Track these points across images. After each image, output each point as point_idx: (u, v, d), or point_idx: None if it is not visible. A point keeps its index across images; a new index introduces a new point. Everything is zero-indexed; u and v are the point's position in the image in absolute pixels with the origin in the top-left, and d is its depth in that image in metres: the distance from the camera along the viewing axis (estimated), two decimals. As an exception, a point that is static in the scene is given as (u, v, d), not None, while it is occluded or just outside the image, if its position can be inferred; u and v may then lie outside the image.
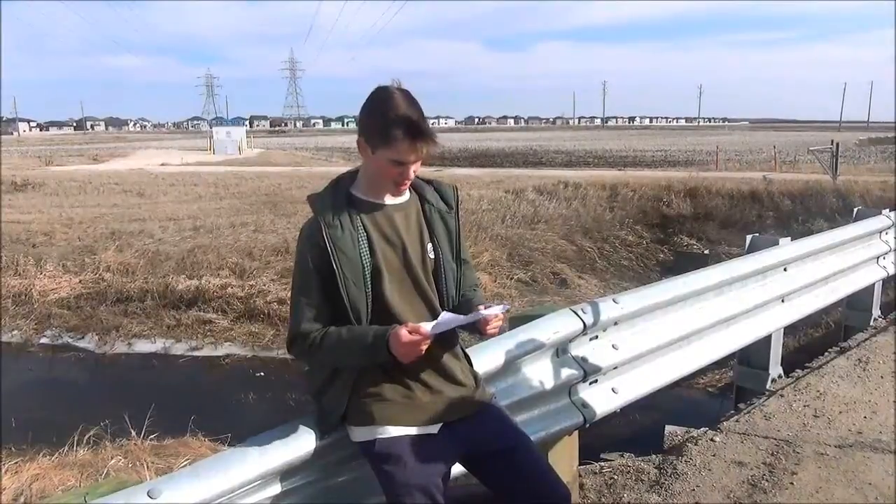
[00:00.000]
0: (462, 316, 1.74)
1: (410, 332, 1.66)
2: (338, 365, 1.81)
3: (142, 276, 11.41)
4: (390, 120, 1.67)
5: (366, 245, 1.77)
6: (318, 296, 1.77)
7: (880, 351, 4.26)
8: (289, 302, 1.89)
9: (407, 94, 1.71)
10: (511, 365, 2.38)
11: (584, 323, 2.57)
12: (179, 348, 9.81)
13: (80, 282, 11.54)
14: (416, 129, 1.67)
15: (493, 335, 1.85)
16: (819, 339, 5.64)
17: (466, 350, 2.04)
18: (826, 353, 4.47)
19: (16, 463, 4.90)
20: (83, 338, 10.19)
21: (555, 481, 1.85)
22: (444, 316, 1.74)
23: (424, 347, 1.68)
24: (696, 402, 5.84)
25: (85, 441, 5.34)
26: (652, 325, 2.96)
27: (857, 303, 5.07)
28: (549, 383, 2.51)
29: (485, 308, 1.75)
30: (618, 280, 13.21)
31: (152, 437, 5.41)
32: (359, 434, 1.80)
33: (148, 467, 4.58)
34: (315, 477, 1.88)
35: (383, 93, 1.72)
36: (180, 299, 10.74)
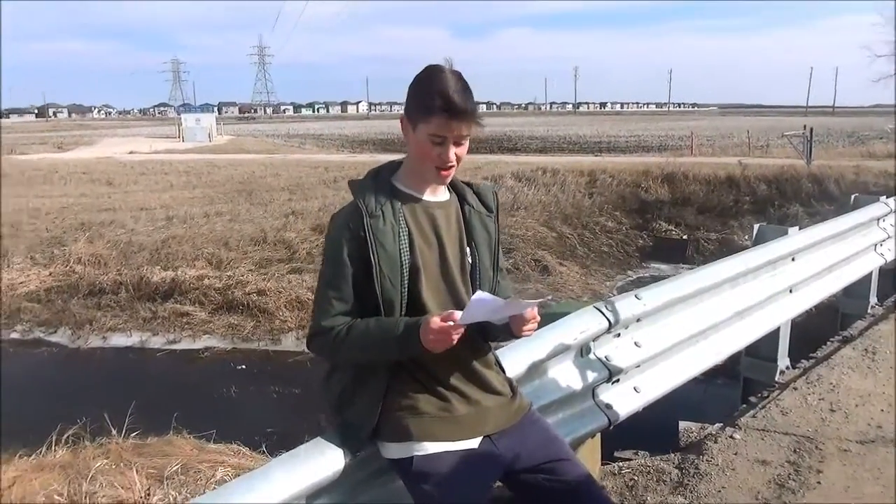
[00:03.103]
0: (500, 299, 1.58)
1: (443, 320, 1.53)
2: (363, 360, 1.66)
3: (115, 268, 11.08)
4: (432, 93, 1.57)
5: (406, 241, 1.64)
6: (347, 290, 1.63)
7: (885, 340, 4.22)
8: (314, 294, 1.74)
9: (456, 73, 1.61)
10: (537, 367, 2.25)
11: (609, 321, 2.46)
12: (156, 342, 9.54)
13: (49, 274, 11.17)
14: (454, 103, 1.56)
15: (527, 336, 1.72)
16: (815, 327, 5.61)
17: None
18: (829, 343, 4.43)
19: (-9, 465, 4.67)
20: (55, 332, 9.86)
21: (602, 496, 1.73)
22: (478, 295, 1.57)
23: (457, 337, 1.54)
24: (698, 393, 5.77)
25: (63, 441, 5.12)
26: (672, 321, 2.86)
27: (853, 290, 5.04)
28: (574, 385, 2.40)
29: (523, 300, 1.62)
30: (599, 266, 13.22)
31: (134, 434, 5.21)
32: (393, 451, 1.66)
33: (137, 470, 4.38)
34: (344, 495, 1.73)
35: (432, 69, 1.62)
36: (156, 291, 10.44)
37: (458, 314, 1.54)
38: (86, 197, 16.90)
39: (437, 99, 1.56)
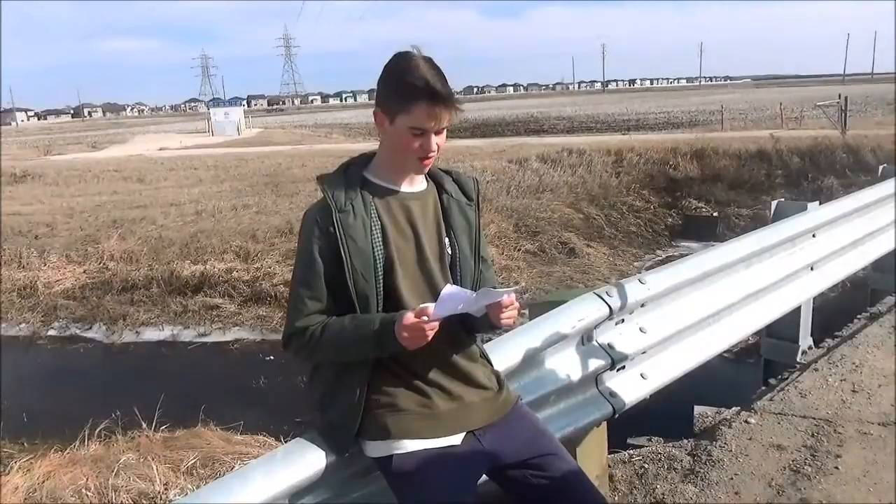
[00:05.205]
0: (471, 292, 1.55)
1: (417, 316, 1.50)
2: (341, 359, 1.63)
3: (146, 264, 11.30)
4: (409, 83, 1.52)
5: (379, 234, 1.59)
6: (320, 288, 1.60)
7: (915, 316, 4.07)
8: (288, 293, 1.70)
9: (428, 59, 1.55)
10: (534, 358, 2.21)
11: (610, 308, 2.39)
12: (188, 335, 9.70)
13: (84, 272, 11.44)
14: (436, 92, 1.51)
15: (507, 325, 1.67)
16: (844, 303, 5.44)
17: (484, 347, 1.87)
18: (856, 321, 4.28)
19: (28, 460, 4.79)
20: (91, 328, 10.11)
21: (592, 491, 1.69)
22: (448, 289, 1.53)
23: (432, 332, 1.51)
24: (718, 375, 5.66)
25: (96, 434, 5.24)
26: (681, 304, 2.78)
27: (883, 264, 4.85)
28: (576, 374, 2.34)
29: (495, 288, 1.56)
30: (626, 246, 13.07)
31: (164, 427, 5.30)
32: (373, 449, 1.63)
33: (163, 462, 4.46)
34: (327, 496, 1.72)
35: (402, 57, 1.56)
36: (186, 285, 10.62)
37: (431, 309, 1.51)
38: (118, 194, 17.21)
39: (417, 89, 1.51)
